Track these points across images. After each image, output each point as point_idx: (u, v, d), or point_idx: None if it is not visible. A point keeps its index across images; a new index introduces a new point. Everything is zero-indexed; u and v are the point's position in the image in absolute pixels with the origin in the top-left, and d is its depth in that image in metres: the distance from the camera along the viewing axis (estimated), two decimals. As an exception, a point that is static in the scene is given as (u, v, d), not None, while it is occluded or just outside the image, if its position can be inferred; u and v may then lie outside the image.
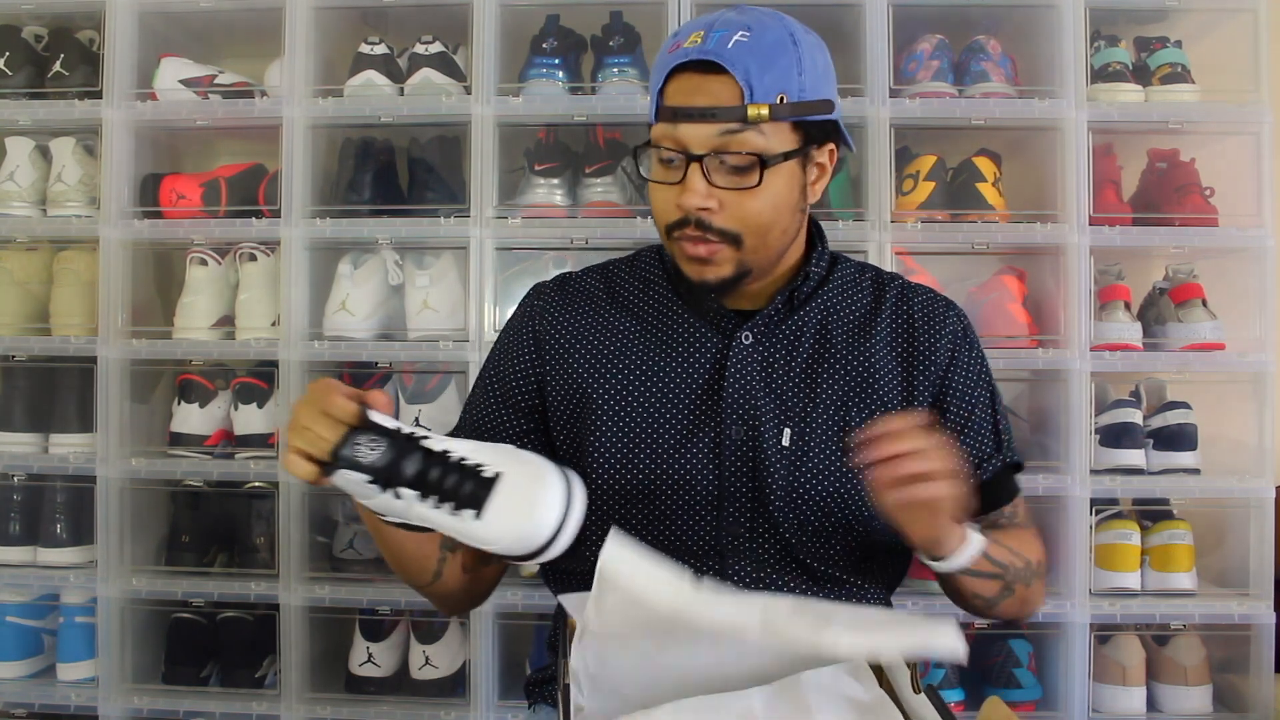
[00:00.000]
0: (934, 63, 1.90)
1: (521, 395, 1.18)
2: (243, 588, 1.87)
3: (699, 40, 1.04)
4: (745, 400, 1.12)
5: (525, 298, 1.24)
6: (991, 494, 1.16)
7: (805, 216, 1.16)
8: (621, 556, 0.88)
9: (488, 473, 0.91)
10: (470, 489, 0.90)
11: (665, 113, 1.06)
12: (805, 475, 1.10)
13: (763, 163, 1.04)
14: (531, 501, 0.90)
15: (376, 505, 0.94)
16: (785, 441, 1.11)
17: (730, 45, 1.03)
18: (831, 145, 1.12)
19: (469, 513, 0.89)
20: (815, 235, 1.19)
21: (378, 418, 0.92)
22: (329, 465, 0.90)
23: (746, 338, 1.14)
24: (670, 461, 1.11)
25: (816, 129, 1.09)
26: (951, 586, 1.09)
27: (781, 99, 1.04)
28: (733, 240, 1.07)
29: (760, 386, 1.12)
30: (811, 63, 1.06)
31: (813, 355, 1.15)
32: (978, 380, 1.18)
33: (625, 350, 1.16)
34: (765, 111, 1.03)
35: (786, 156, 1.06)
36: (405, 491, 0.91)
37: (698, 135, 1.04)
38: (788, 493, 1.10)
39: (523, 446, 1.16)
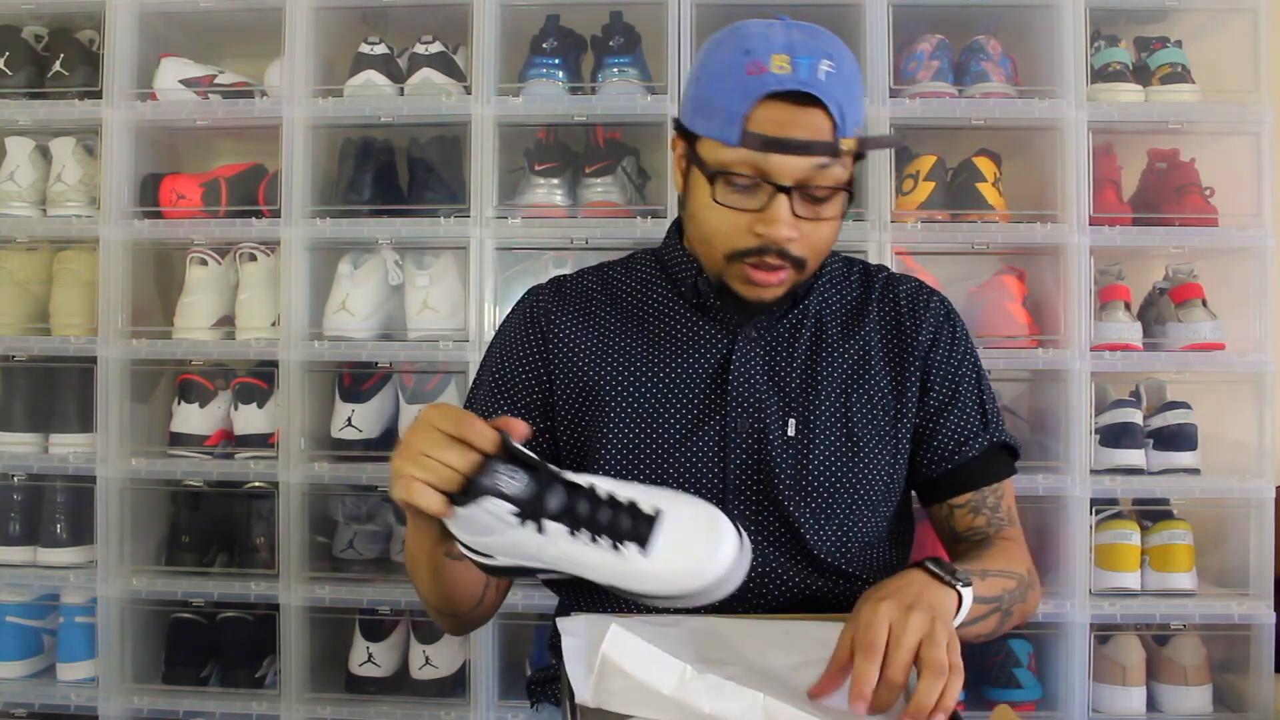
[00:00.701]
0: (934, 63, 1.90)
1: (531, 395, 1.18)
2: (243, 588, 1.87)
3: (787, 67, 1.01)
4: (750, 393, 1.13)
5: (523, 300, 1.24)
6: (978, 471, 1.17)
7: None
8: (625, 643, 0.87)
9: (646, 508, 0.86)
10: (630, 523, 0.85)
11: (752, 139, 1.02)
12: (812, 463, 1.12)
13: (849, 194, 1.06)
14: (705, 536, 0.85)
15: (498, 543, 0.87)
16: (791, 431, 1.12)
17: (822, 76, 1.01)
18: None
19: (632, 547, 0.84)
20: None
21: (517, 447, 0.86)
22: (464, 495, 0.84)
23: (751, 333, 1.15)
24: (675, 457, 1.12)
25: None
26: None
27: (858, 130, 1.05)
28: (799, 265, 1.08)
29: (763, 380, 1.14)
30: (863, 88, 1.07)
31: (811, 346, 1.17)
32: (961, 360, 1.19)
33: (629, 349, 1.17)
34: (854, 144, 1.04)
35: (851, 182, 1.08)
36: (551, 525, 0.84)
37: (791, 168, 1.02)
38: (796, 481, 1.11)
39: (533, 446, 1.17)
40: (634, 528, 0.85)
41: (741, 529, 0.89)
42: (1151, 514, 1.89)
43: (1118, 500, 1.91)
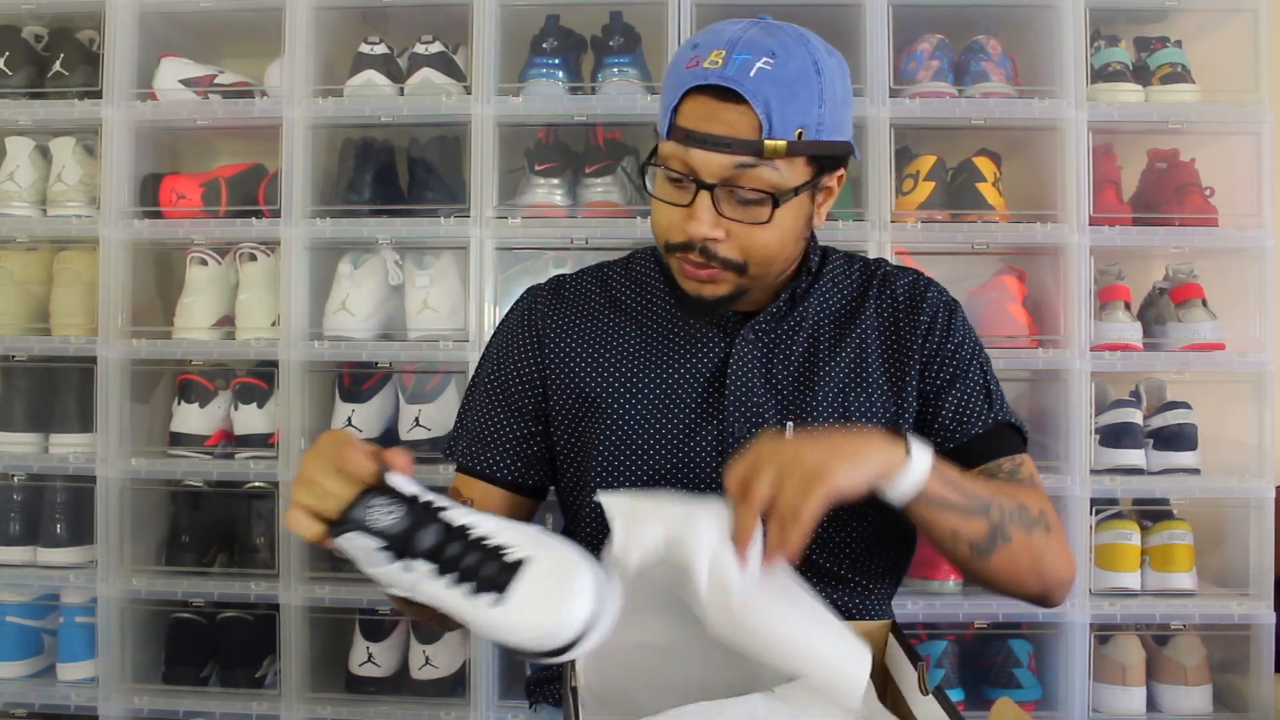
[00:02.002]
0: (934, 63, 1.90)
1: (526, 398, 1.18)
2: (243, 588, 1.87)
3: (719, 62, 0.99)
4: (747, 397, 1.12)
5: (521, 300, 1.23)
6: (984, 447, 1.14)
7: (810, 239, 1.15)
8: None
9: (511, 556, 0.82)
10: (492, 571, 0.81)
11: (678, 133, 1.02)
12: None
13: (775, 200, 1.02)
14: (561, 592, 0.80)
15: (380, 575, 0.85)
16: (788, 434, 1.11)
17: (752, 73, 0.98)
18: (842, 170, 1.10)
19: (488, 597, 0.81)
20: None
21: (396, 480, 0.85)
22: (337, 526, 0.83)
23: (749, 335, 1.14)
24: (672, 462, 1.12)
25: (830, 158, 1.06)
26: (930, 530, 1.01)
27: (800, 134, 1.00)
28: (736, 268, 1.06)
29: (761, 383, 1.13)
30: (833, 93, 1.03)
31: (808, 348, 1.16)
32: (960, 344, 1.17)
33: (627, 353, 1.17)
34: (782, 147, 1.00)
35: (797, 191, 1.04)
36: (418, 564, 0.83)
37: (710, 164, 1.01)
38: None
39: (526, 449, 1.17)
40: (495, 576, 0.81)
41: (608, 576, 0.84)
42: (1151, 514, 1.89)
43: (1118, 500, 1.91)
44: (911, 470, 0.95)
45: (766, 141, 0.99)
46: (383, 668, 1.88)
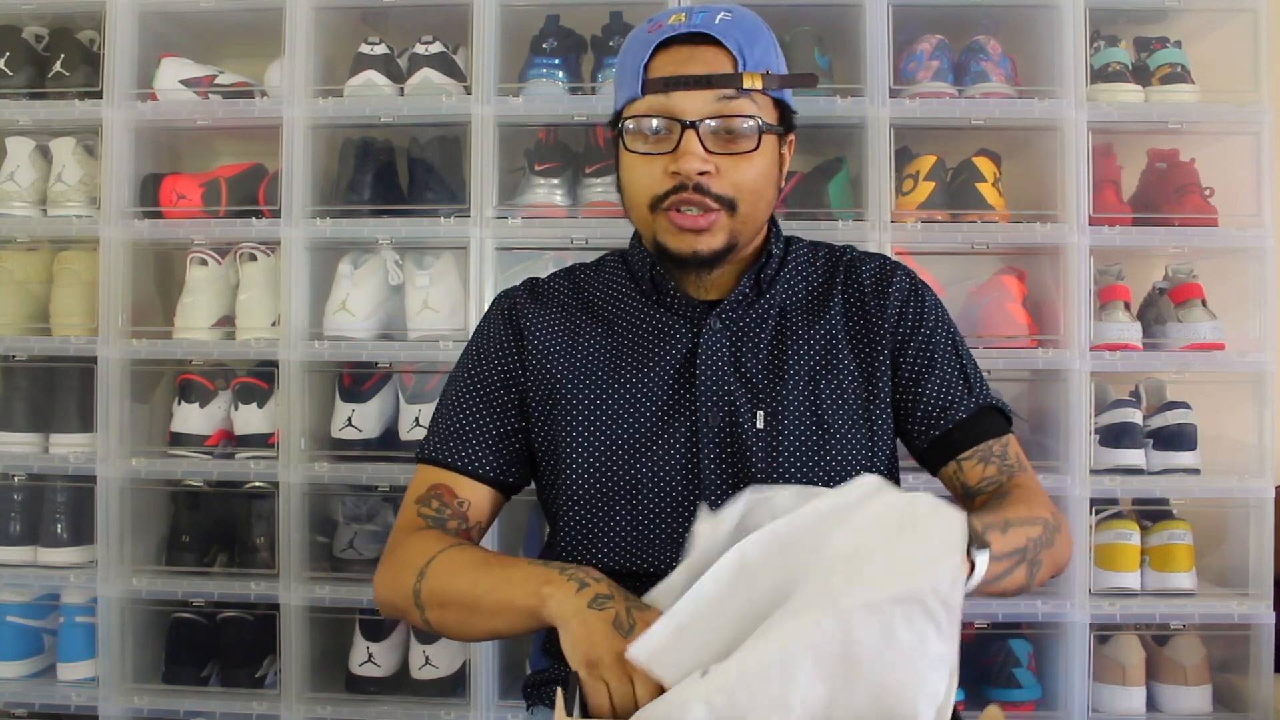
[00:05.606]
0: (934, 63, 1.90)
1: (506, 395, 1.18)
2: (243, 588, 1.87)
3: (682, 18, 1.08)
4: (717, 386, 1.13)
5: (498, 302, 1.24)
6: (972, 430, 1.14)
7: (778, 197, 1.19)
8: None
9: None
10: None
11: (654, 84, 1.08)
12: (783, 455, 1.11)
13: (760, 126, 1.08)
14: None
15: None
16: (760, 424, 1.12)
17: (717, 21, 1.08)
18: (793, 137, 1.17)
19: None
20: (771, 221, 1.21)
21: None
22: None
23: (715, 324, 1.15)
24: (645, 457, 1.12)
25: (785, 117, 1.13)
26: (987, 595, 1.00)
27: (767, 72, 1.09)
28: (729, 206, 1.09)
29: (730, 371, 1.14)
30: (779, 52, 1.14)
31: (776, 336, 1.17)
32: (933, 328, 1.18)
33: (597, 353, 1.18)
34: (758, 78, 1.08)
35: (772, 128, 1.10)
36: None
37: (694, 103, 1.07)
38: (768, 474, 1.10)
39: (507, 446, 1.18)
40: None
41: None
42: (1151, 514, 1.90)
43: (1118, 500, 1.91)
44: (973, 580, 0.91)
45: (744, 75, 1.07)
46: (383, 668, 1.88)
